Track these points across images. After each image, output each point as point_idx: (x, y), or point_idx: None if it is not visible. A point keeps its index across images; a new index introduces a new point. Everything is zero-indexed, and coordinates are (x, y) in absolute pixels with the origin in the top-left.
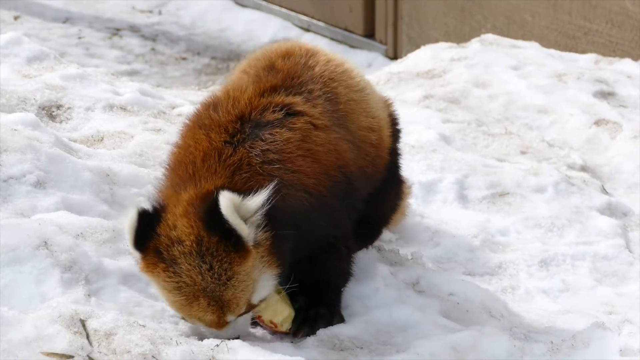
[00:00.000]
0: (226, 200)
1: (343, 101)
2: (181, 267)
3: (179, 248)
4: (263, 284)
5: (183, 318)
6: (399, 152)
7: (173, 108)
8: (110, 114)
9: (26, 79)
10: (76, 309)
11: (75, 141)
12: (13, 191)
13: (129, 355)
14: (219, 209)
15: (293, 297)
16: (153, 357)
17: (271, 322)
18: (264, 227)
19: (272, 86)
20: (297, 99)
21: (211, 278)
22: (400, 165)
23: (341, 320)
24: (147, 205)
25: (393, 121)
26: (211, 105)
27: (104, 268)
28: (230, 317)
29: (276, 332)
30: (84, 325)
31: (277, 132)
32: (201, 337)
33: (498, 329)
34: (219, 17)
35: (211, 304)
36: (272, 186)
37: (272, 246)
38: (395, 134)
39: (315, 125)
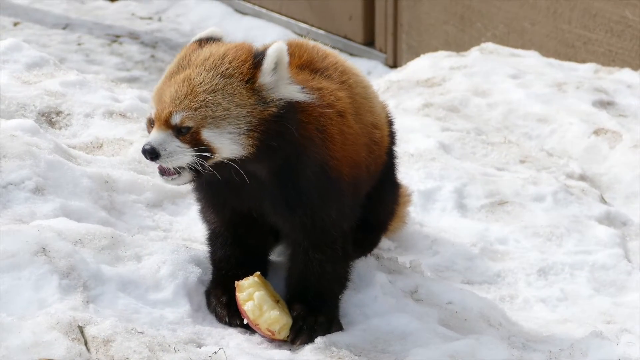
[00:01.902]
0: (282, 48)
1: (355, 93)
2: (203, 49)
3: (221, 42)
4: (226, 133)
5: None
6: (395, 154)
7: None
8: (109, 121)
9: (26, 85)
10: (74, 315)
11: (74, 148)
12: (12, 197)
13: None
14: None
15: (290, 306)
16: None
17: (268, 330)
18: (278, 108)
19: (302, 63)
20: (332, 85)
21: (213, 63)
22: (397, 168)
23: (339, 328)
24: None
25: (389, 122)
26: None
27: (103, 275)
28: (176, 116)
29: (274, 340)
30: (82, 332)
31: (324, 98)
32: (199, 345)
33: (496, 338)
34: (219, 24)
35: (184, 82)
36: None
37: (269, 124)
38: (392, 135)
39: (345, 109)
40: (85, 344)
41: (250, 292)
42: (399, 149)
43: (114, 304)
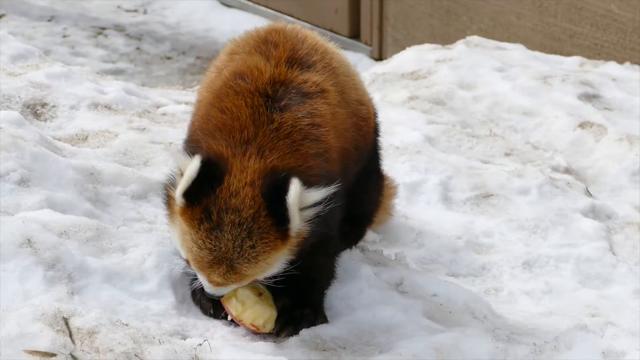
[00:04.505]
0: (296, 189)
1: (339, 73)
2: (224, 235)
3: (232, 217)
4: (277, 267)
5: (186, 261)
6: (380, 145)
7: (158, 107)
8: (94, 113)
9: (11, 77)
10: (59, 307)
11: (59, 139)
12: None
13: (112, 353)
14: (285, 195)
15: (276, 297)
16: (136, 355)
17: (252, 324)
18: (310, 221)
19: (287, 58)
20: (317, 75)
21: (248, 255)
22: (381, 159)
23: (325, 320)
24: (210, 158)
25: (374, 112)
26: (237, 74)
27: (88, 266)
28: (233, 285)
29: (260, 333)
30: (66, 324)
31: (315, 102)
32: (184, 337)
33: (481, 331)
34: (205, 17)
35: (230, 272)
36: (334, 185)
37: (306, 238)
38: (376, 126)
39: (334, 103)
40: (70, 335)
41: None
42: (384, 141)
43: (99, 296)
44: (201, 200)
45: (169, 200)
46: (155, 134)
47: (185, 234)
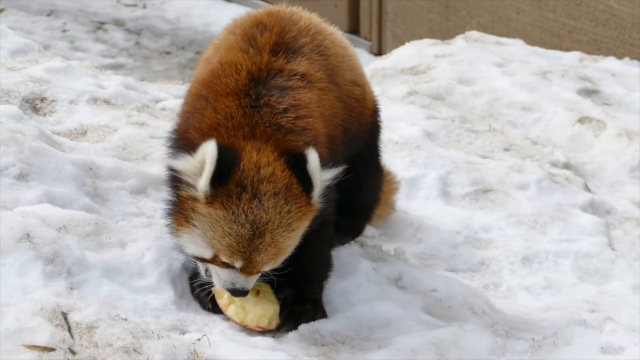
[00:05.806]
0: (315, 156)
1: (330, 54)
2: (264, 204)
3: (267, 187)
4: (297, 242)
5: (211, 261)
6: (379, 141)
7: (157, 102)
8: (94, 108)
9: (10, 71)
10: (58, 301)
11: (58, 134)
12: None
13: (111, 348)
14: (306, 164)
15: (278, 289)
16: (135, 350)
17: (258, 326)
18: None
19: (272, 45)
20: (302, 63)
21: (286, 222)
22: (380, 154)
23: (324, 315)
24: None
25: (375, 109)
26: (221, 71)
27: (86, 261)
28: (268, 267)
29: (265, 331)
30: (65, 318)
31: (298, 93)
32: (183, 332)
33: (480, 326)
34: (204, 12)
35: (271, 245)
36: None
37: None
38: (376, 122)
39: (321, 88)
40: (69, 330)
41: (230, 295)
42: (384, 136)
43: (98, 291)
44: (231, 177)
45: (179, 206)
46: (155, 128)
47: (218, 221)
